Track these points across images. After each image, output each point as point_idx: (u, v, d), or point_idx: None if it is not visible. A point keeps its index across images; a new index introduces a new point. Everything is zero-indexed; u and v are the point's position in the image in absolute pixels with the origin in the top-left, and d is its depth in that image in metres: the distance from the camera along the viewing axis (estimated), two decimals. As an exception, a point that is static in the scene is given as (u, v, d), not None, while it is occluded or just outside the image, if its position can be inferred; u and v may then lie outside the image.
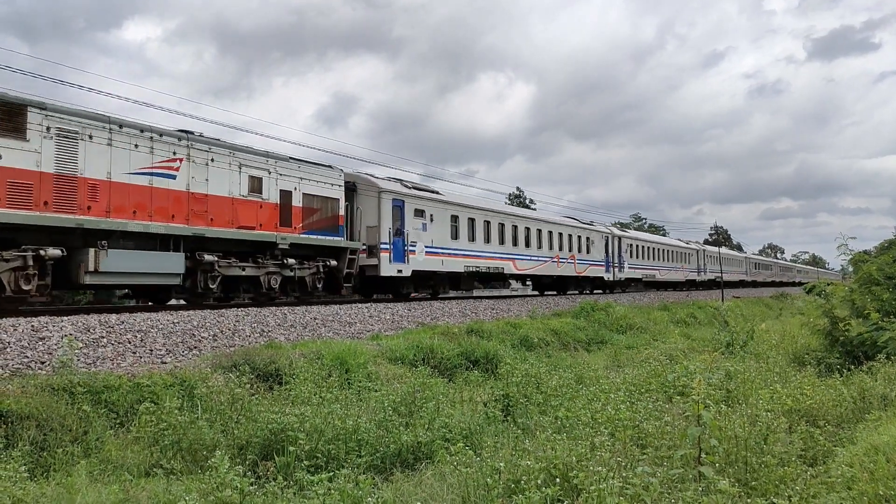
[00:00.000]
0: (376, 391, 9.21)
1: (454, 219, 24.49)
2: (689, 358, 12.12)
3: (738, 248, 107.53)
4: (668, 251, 50.18)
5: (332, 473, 5.52)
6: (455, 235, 24.30)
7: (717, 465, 5.08)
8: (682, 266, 52.96)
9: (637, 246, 43.50)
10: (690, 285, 55.55)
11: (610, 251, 38.54)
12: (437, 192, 24.34)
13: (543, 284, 33.63)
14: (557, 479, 4.87)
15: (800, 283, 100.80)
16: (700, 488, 4.59)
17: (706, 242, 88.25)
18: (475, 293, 32.92)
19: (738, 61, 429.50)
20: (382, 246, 20.45)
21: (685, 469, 4.98)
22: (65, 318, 11.18)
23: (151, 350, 10.53)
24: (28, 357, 9.01)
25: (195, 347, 11.16)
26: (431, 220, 22.80)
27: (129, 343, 10.54)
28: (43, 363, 8.92)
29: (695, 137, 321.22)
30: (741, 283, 67.62)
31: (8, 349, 9.09)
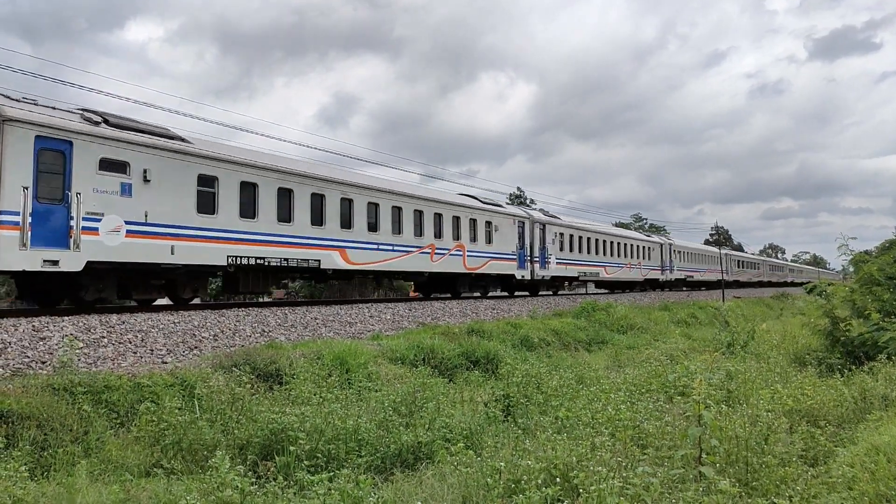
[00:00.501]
0: (377, 391, 9.22)
1: (207, 181, 15.26)
2: (689, 358, 12.12)
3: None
4: (618, 244, 39.32)
5: (332, 473, 5.52)
6: (209, 208, 15.28)
7: (717, 465, 5.07)
8: (640, 262, 42.60)
9: (570, 236, 32.90)
10: (653, 286, 45.99)
11: (527, 242, 28.79)
12: (182, 139, 15.39)
13: (420, 285, 26.04)
14: (557, 479, 4.87)
15: (793, 284, 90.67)
16: (701, 488, 4.59)
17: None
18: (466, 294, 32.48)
19: (739, 61, 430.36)
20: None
21: (686, 469, 4.98)
22: (66, 318, 11.19)
23: (152, 350, 10.54)
24: (29, 357, 9.02)
25: (196, 347, 11.16)
26: (146, 179, 13.71)
27: (130, 343, 10.54)
28: (44, 363, 8.92)
29: (695, 137, 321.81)
30: (719, 284, 63.79)
31: (9, 349, 9.10)
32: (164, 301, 16.13)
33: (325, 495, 4.96)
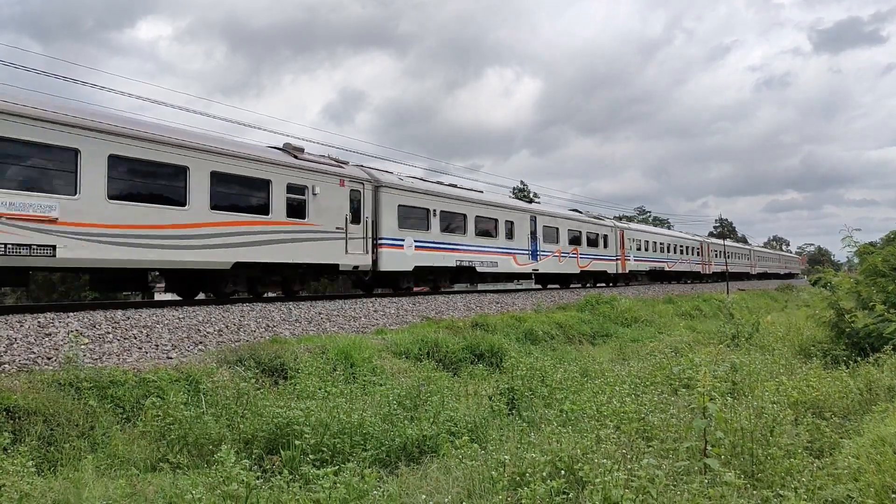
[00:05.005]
0: (381, 385, 9.23)
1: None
2: (694, 350, 12.10)
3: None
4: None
5: (337, 467, 5.53)
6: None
7: (722, 457, 5.06)
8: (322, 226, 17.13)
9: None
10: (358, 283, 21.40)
11: None
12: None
13: None
14: (563, 472, 4.87)
15: (765, 277, 72.00)
16: (706, 480, 4.58)
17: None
18: (479, 286, 32.27)
19: (745, 54, 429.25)
20: None
21: (691, 461, 4.97)
22: (71, 313, 11.23)
23: (157, 345, 10.56)
24: (35, 353, 9.05)
25: (200, 342, 11.19)
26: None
27: (135, 338, 10.57)
28: (49, 359, 8.95)
29: (701, 130, 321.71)
30: (607, 279, 37.60)
31: (15, 345, 9.13)
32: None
33: (331, 489, 4.97)
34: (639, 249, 40.80)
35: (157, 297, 23.24)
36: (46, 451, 6.64)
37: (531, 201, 56.00)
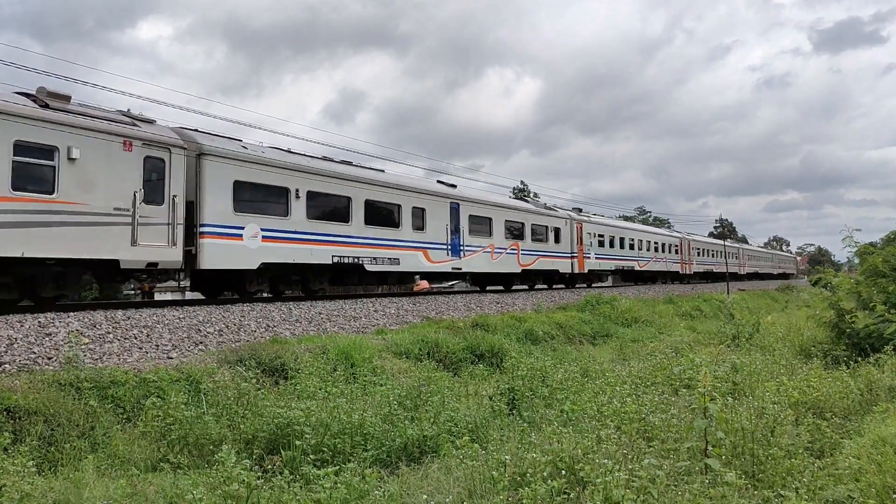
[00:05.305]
0: (382, 385, 9.23)
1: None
2: (694, 351, 12.11)
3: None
4: None
5: (338, 467, 5.53)
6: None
7: (723, 457, 5.07)
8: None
9: None
10: None
11: None
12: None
13: None
14: (563, 472, 4.87)
15: (756, 277, 66.60)
16: (707, 480, 4.58)
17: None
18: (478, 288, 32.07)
19: (745, 54, 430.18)
20: None
21: (692, 461, 4.97)
22: (71, 313, 11.22)
23: (157, 345, 10.56)
24: (35, 353, 9.04)
25: (201, 343, 11.18)
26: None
27: (136, 338, 10.57)
28: (50, 359, 8.95)
29: (701, 130, 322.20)
30: (563, 280, 32.57)
31: (15, 345, 9.13)
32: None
33: (332, 489, 4.97)
34: (601, 246, 34.80)
35: (157, 296, 23.24)
36: (47, 451, 6.64)
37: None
